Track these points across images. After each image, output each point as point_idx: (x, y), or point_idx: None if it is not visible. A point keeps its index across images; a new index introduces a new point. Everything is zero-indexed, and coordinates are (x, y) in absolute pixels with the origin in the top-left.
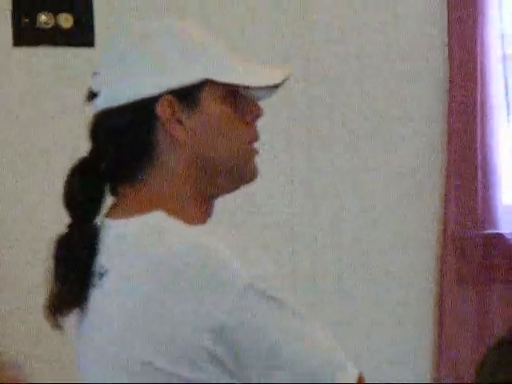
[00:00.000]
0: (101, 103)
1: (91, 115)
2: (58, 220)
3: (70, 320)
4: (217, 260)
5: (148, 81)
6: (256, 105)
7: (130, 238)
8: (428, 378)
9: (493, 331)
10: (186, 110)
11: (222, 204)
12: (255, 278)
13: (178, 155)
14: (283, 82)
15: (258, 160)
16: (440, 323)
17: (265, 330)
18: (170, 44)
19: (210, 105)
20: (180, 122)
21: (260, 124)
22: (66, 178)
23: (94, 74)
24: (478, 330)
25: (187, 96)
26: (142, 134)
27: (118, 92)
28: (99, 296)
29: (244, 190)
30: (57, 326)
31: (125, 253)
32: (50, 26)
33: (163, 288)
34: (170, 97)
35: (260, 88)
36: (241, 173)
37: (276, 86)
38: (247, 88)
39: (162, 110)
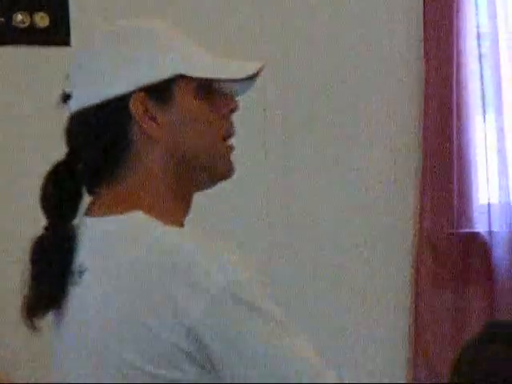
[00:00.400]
0: (73, 104)
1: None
2: (34, 221)
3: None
4: (193, 262)
5: (119, 79)
6: (231, 98)
7: (109, 238)
8: (404, 378)
9: (469, 330)
10: (160, 107)
11: (197, 206)
12: (231, 282)
13: (154, 152)
14: (257, 75)
15: (234, 158)
16: (416, 323)
17: (237, 335)
18: (140, 42)
19: (184, 100)
20: (154, 118)
21: (236, 127)
22: (43, 181)
23: (67, 76)
24: (454, 329)
25: (159, 92)
26: (117, 132)
27: (90, 92)
28: (79, 294)
29: (220, 196)
30: (34, 327)
31: (104, 252)
32: (26, 25)
33: (140, 288)
34: (142, 94)
35: (232, 81)
36: (217, 168)
37: (251, 80)
38: (220, 82)
39: (134, 107)
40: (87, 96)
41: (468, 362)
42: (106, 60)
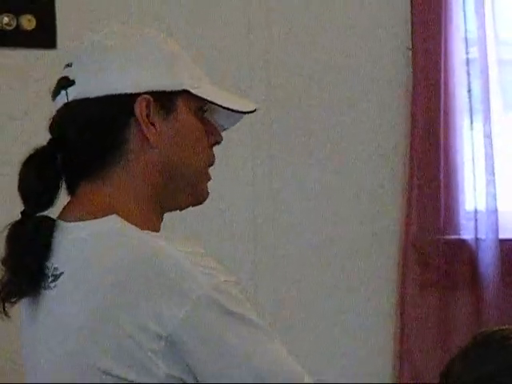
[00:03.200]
0: (75, 92)
1: (55, 111)
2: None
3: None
4: (174, 268)
5: (130, 77)
6: (218, 130)
7: (85, 243)
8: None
9: (455, 337)
10: (161, 114)
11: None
12: (211, 288)
13: (146, 157)
14: (246, 113)
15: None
16: (401, 330)
17: (217, 340)
18: (155, 48)
19: (185, 115)
20: (153, 124)
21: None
22: (21, 166)
23: (70, 63)
24: (440, 336)
25: (165, 101)
26: (114, 128)
27: (97, 83)
28: (53, 298)
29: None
30: (4, 313)
31: (80, 257)
32: (12, 27)
33: (118, 295)
34: (149, 97)
35: (232, 111)
36: (196, 191)
37: (241, 116)
38: (221, 108)
39: (140, 108)
40: (92, 86)
41: (457, 372)
42: (116, 55)
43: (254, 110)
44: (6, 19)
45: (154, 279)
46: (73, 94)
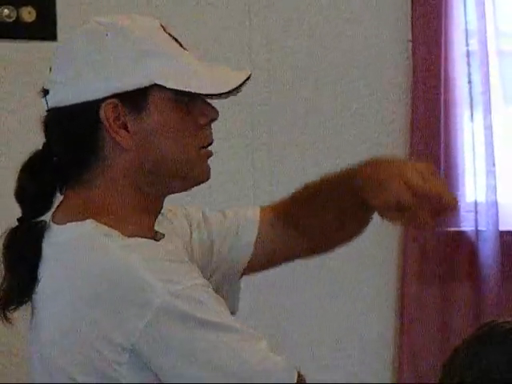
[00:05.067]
0: (50, 100)
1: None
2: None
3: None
4: (134, 280)
5: (94, 84)
6: (211, 108)
7: (58, 248)
8: (389, 378)
9: (455, 330)
10: (133, 115)
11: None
12: (171, 296)
13: (122, 160)
14: (240, 86)
15: (212, 160)
16: (402, 321)
17: (180, 348)
18: (121, 46)
19: (158, 110)
20: (125, 126)
21: (222, 124)
22: (19, 171)
23: (50, 69)
24: (439, 328)
25: (133, 100)
26: (85, 137)
27: (65, 92)
28: (36, 303)
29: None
30: (6, 320)
31: (52, 262)
32: (12, 19)
33: (82, 306)
34: (114, 100)
35: (209, 95)
36: (191, 175)
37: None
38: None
39: (105, 114)
40: (62, 96)
41: (460, 363)
42: (83, 62)
43: (243, 83)
44: (6, 11)
45: (114, 291)
46: (49, 102)
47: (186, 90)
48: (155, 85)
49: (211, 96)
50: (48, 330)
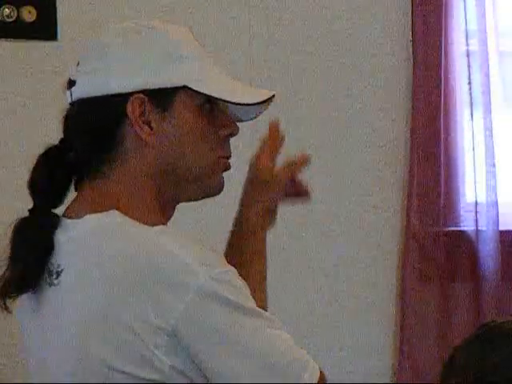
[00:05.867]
0: (76, 92)
1: (65, 107)
2: (18, 208)
3: None
4: (171, 262)
5: (124, 77)
6: (232, 122)
7: (84, 238)
8: (389, 378)
9: (455, 329)
10: (158, 113)
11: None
12: (210, 279)
13: (143, 156)
14: (264, 102)
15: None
16: (402, 321)
17: (218, 331)
18: (155, 45)
19: (183, 112)
20: (149, 123)
21: None
22: (33, 163)
23: (78, 62)
24: (439, 328)
25: (160, 99)
26: (110, 129)
27: (94, 84)
28: (56, 295)
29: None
30: (5, 308)
31: (80, 253)
32: (12, 19)
33: (118, 290)
34: (142, 96)
35: (236, 104)
36: (206, 183)
37: (258, 107)
38: (225, 103)
39: (132, 108)
40: (90, 87)
41: (460, 363)
42: (115, 55)
43: (267, 100)
44: (6, 11)
45: (153, 274)
46: (75, 94)
47: (216, 96)
48: (184, 88)
49: (239, 105)
50: (77, 319)
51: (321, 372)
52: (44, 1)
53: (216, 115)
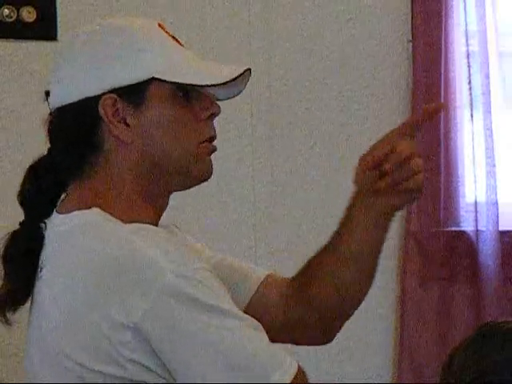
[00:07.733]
0: (51, 102)
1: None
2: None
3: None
4: (137, 260)
5: (92, 80)
6: (212, 103)
7: (66, 234)
8: (389, 378)
9: (455, 330)
10: (131, 109)
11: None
12: (176, 277)
13: (124, 154)
14: (242, 81)
15: (215, 157)
16: (402, 322)
17: (183, 329)
18: (118, 43)
19: (157, 103)
20: (124, 120)
21: (223, 121)
22: (23, 176)
23: (51, 72)
24: (440, 328)
25: (132, 95)
26: (86, 133)
27: (66, 91)
28: (38, 289)
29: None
30: (6, 321)
31: (60, 249)
32: (12, 19)
33: (85, 288)
34: (112, 96)
35: (207, 86)
36: (192, 171)
37: (235, 84)
38: (200, 86)
39: (103, 109)
40: (62, 95)
41: (460, 363)
42: (82, 60)
43: (239, 76)
44: (6, 11)
45: (122, 273)
46: (51, 104)
47: (183, 82)
48: (153, 79)
49: (208, 87)
50: (51, 316)
51: (301, 371)
52: (44, 1)
53: (193, 99)
